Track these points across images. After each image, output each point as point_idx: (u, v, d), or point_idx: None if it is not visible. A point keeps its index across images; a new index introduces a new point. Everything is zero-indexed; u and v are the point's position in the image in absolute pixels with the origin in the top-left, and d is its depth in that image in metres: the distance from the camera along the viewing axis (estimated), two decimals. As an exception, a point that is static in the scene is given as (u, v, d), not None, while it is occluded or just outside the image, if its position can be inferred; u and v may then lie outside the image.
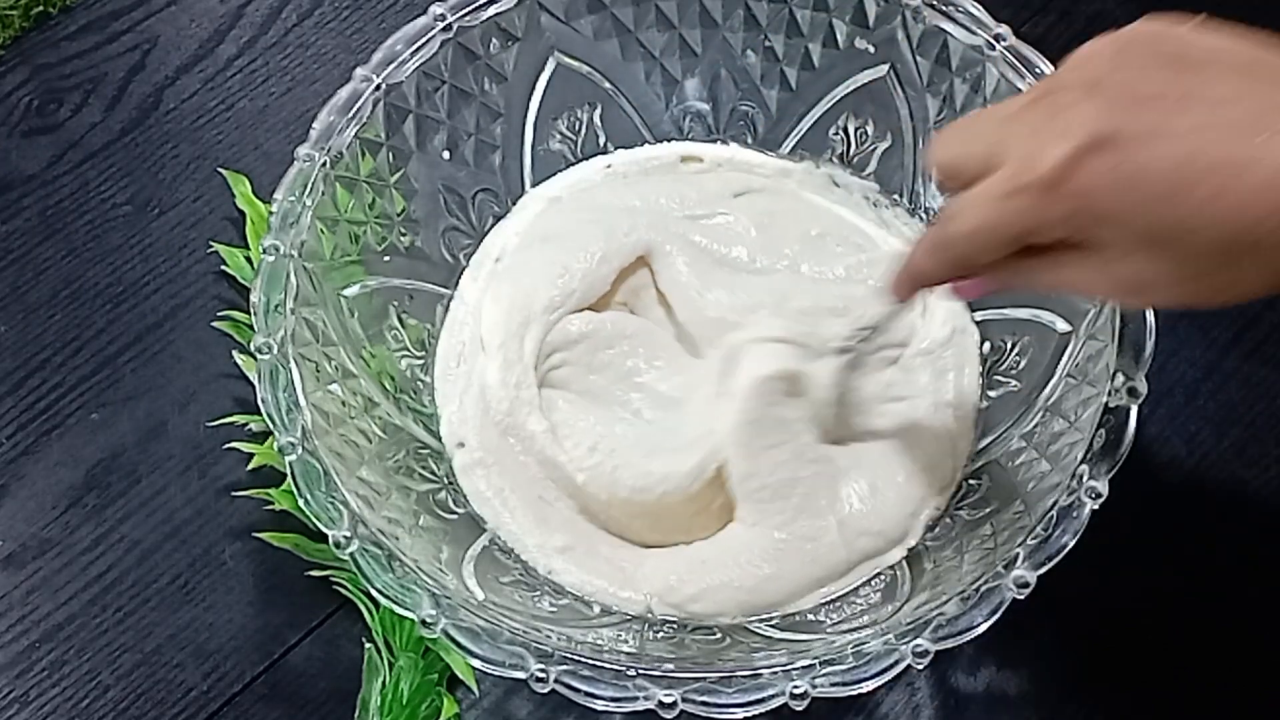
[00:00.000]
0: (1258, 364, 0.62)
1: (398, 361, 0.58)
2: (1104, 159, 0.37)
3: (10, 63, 0.73)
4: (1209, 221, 0.37)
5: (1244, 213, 0.36)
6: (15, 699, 0.57)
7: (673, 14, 0.62)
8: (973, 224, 0.41)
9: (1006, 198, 0.39)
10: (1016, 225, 0.40)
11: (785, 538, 0.53)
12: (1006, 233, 0.40)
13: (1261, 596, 0.57)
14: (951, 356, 0.57)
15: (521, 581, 0.53)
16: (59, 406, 0.64)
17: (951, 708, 0.56)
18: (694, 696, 0.44)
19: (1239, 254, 0.37)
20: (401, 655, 0.55)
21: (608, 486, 0.54)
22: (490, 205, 0.62)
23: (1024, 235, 0.40)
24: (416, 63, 0.57)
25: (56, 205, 0.69)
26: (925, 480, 0.55)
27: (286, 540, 0.58)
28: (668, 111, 0.64)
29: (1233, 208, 0.36)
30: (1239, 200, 0.36)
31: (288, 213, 0.53)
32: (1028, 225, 0.39)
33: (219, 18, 0.75)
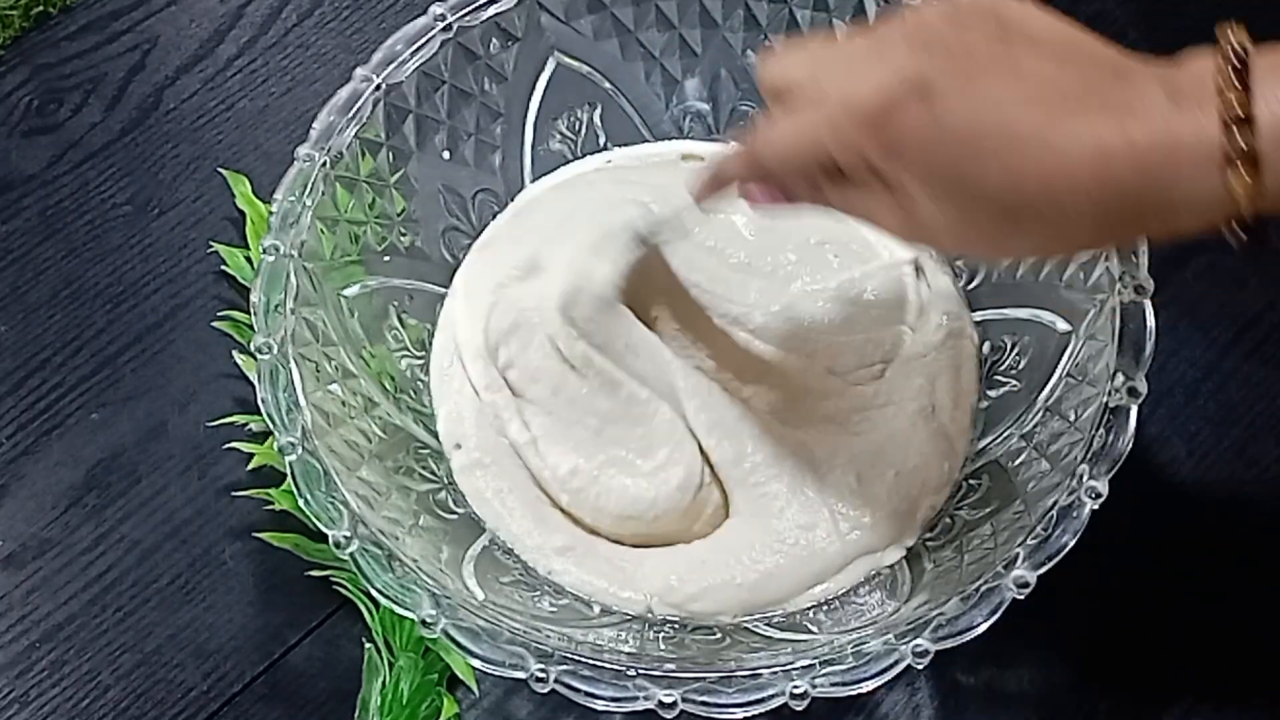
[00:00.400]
0: (1258, 364, 0.62)
1: (398, 361, 0.58)
2: (918, 108, 0.39)
3: (10, 63, 0.73)
4: (1000, 185, 0.39)
5: (1018, 179, 0.39)
6: (15, 699, 0.57)
7: (673, 14, 0.62)
8: (786, 140, 0.43)
9: (822, 122, 0.41)
10: (825, 150, 0.42)
11: (782, 527, 0.53)
12: (814, 155, 0.42)
13: (1261, 596, 0.57)
14: (947, 359, 0.57)
15: (521, 581, 0.53)
16: (59, 406, 0.64)
17: (951, 708, 0.56)
18: (694, 696, 0.44)
19: (1020, 216, 0.39)
20: (401, 655, 0.55)
21: (591, 512, 0.55)
22: (490, 205, 0.62)
23: (827, 159, 0.42)
24: (416, 63, 0.57)
25: (56, 205, 0.69)
26: (919, 479, 0.55)
27: (286, 540, 0.58)
28: (668, 111, 0.64)
29: (1010, 172, 0.39)
30: (1016, 167, 0.39)
31: (288, 213, 0.53)
32: (836, 153, 0.41)
33: (219, 18, 0.75)
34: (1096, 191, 0.38)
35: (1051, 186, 0.39)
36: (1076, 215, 0.39)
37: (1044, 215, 0.39)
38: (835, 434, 0.56)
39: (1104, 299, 0.51)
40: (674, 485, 0.54)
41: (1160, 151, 0.37)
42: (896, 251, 0.60)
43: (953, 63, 0.39)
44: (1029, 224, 0.40)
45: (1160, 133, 0.37)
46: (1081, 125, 0.38)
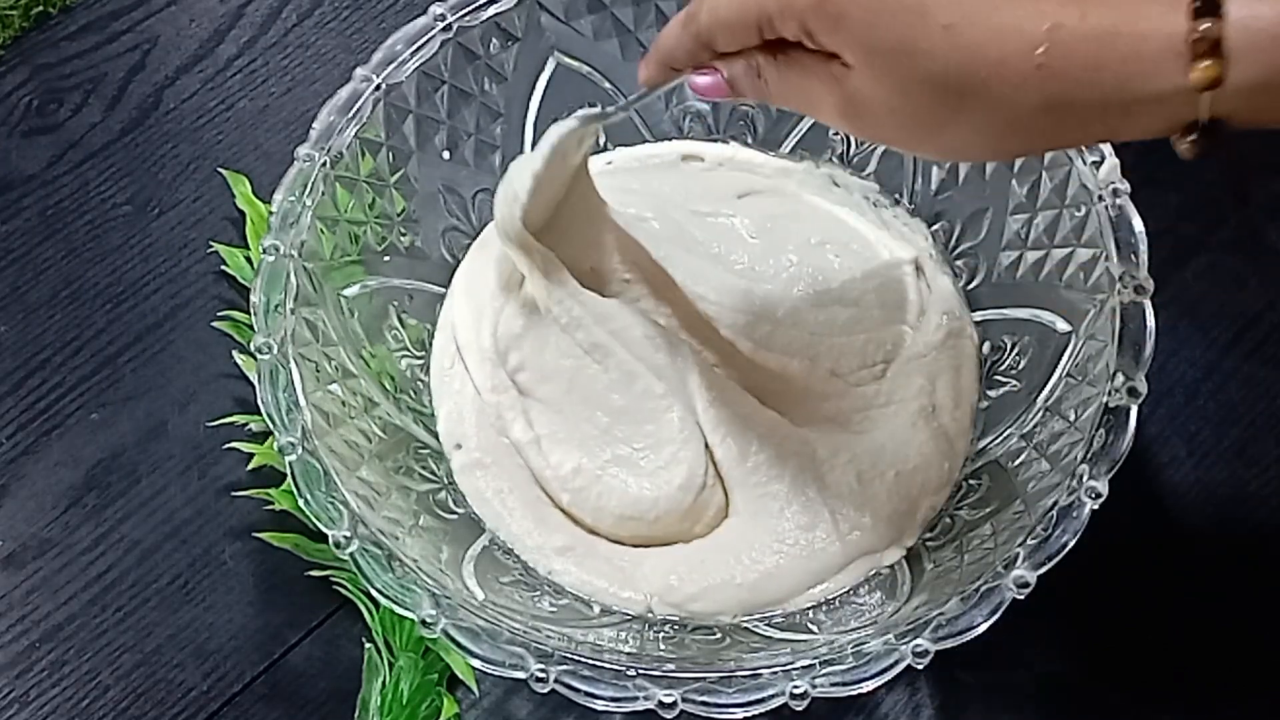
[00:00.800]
0: (1258, 364, 0.62)
1: (398, 361, 0.58)
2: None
3: (10, 63, 0.73)
4: (945, 54, 0.37)
5: (969, 52, 0.37)
6: (15, 699, 0.57)
7: (672, 14, 0.62)
8: (722, 6, 0.42)
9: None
10: (761, 9, 0.40)
11: (782, 527, 0.53)
12: (751, 14, 0.40)
13: (1261, 596, 0.57)
14: (947, 359, 0.57)
15: (521, 581, 0.53)
16: (59, 406, 0.64)
17: (951, 708, 0.56)
18: (694, 696, 0.44)
19: (965, 95, 0.37)
20: (401, 655, 0.56)
21: (592, 512, 0.55)
22: (490, 205, 0.62)
23: (765, 20, 0.40)
24: (416, 63, 0.57)
25: (56, 205, 0.69)
26: (919, 479, 0.55)
27: (286, 540, 0.58)
28: (668, 111, 0.64)
29: (961, 43, 0.37)
30: (969, 39, 0.37)
31: (288, 213, 0.53)
32: (772, 12, 0.40)
33: (219, 18, 0.75)
34: (1047, 66, 0.36)
35: (1000, 56, 0.36)
36: (1025, 94, 0.37)
37: (991, 91, 0.37)
38: (837, 434, 0.56)
39: (1104, 299, 0.51)
40: (676, 485, 0.54)
41: (1121, 35, 0.36)
42: (897, 251, 0.60)
43: None
44: (975, 103, 0.37)
45: (1123, 17, 0.36)
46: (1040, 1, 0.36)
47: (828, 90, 0.40)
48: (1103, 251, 0.51)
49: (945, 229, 0.60)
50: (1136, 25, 0.36)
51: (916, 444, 0.55)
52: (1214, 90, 0.35)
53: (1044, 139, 0.39)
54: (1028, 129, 0.38)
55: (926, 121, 0.39)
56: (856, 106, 0.40)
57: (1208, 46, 0.35)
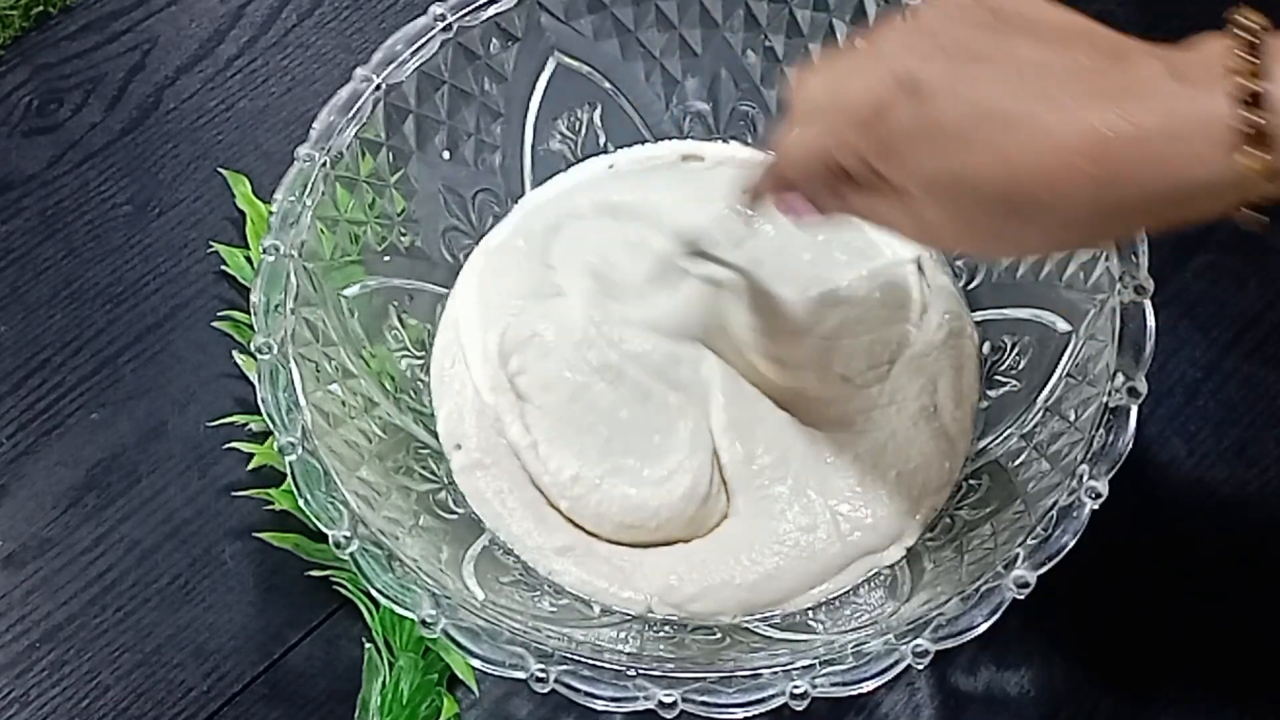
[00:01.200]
0: (1258, 364, 0.62)
1: (398, 361, 0.58)
2: (908, 106, 0.39)
3: (10, 63, 0.73)
4: (996, 175, 0.38)
5: (1012, 169, 0.38)
6: (15, 699, 0.57)
7: (673, 14, 0.62)
8: (793, 149, 0.44)
9: (823, 129, 0.42)
10: (827, 154, 0.42)
11: (782, 528, 0.53)
12: (819, 159, 0.43)
13: (1261, 596, 0.57)
14: (948, 359, 0.57)
15: (521, 581, 0.53)
16: (59, 406, 0.64)
17: (951, 708, 0.56)
18: (694, 696, 0.44)
19: (1020, 209, 0.39)
20: (401, 655, 0.55)
21: (592, 519, 0.55)
22: (490, 205, 0.62)
23: (833, 164, 0.42)
24: (416, 63, 0.57)
25: (56, 205, 0.69)
26: (920, 479, 0.55)
27: (286, 540, 0.58)
28: (668, 111, 0.64)
29: (1002, 163, 0.38)
30: (1008, 156, 0.38)
31: (288, 213, 0.53)
32: (836, 156, 0.42)
33: (219, 18, 0.75)
34: (1097, 176, 0.37)
35: (1048, 173, 0.37)
36: (1078, 202, 0.38)
37: (1044, 205, 0.38)
38: (840, 435, 0.56)
39: (1104, 299, 0.51)
40: (679, 495, 0.54)
41: (1165, 133, 0.36)
42: (899, 249, 0.60)
43: (944, 58, 0.39)
44: (1030, 216, 0.39)
45: (1164, 113, 0.36)
46: (1079, 108, 0.37)
47: (901, 215, 0.42)
48: (1102, 251, 0.51)
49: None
50: (1179, 121, 0.36)
51: (918, 444, 0.55)
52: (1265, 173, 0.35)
53: (1100, 234, 0.41)
54: (1083, 229, 0.39)
55: (991, 234, 0.41)
56: (927, 228, 0.42)
57: (1253, 135, 0.35)
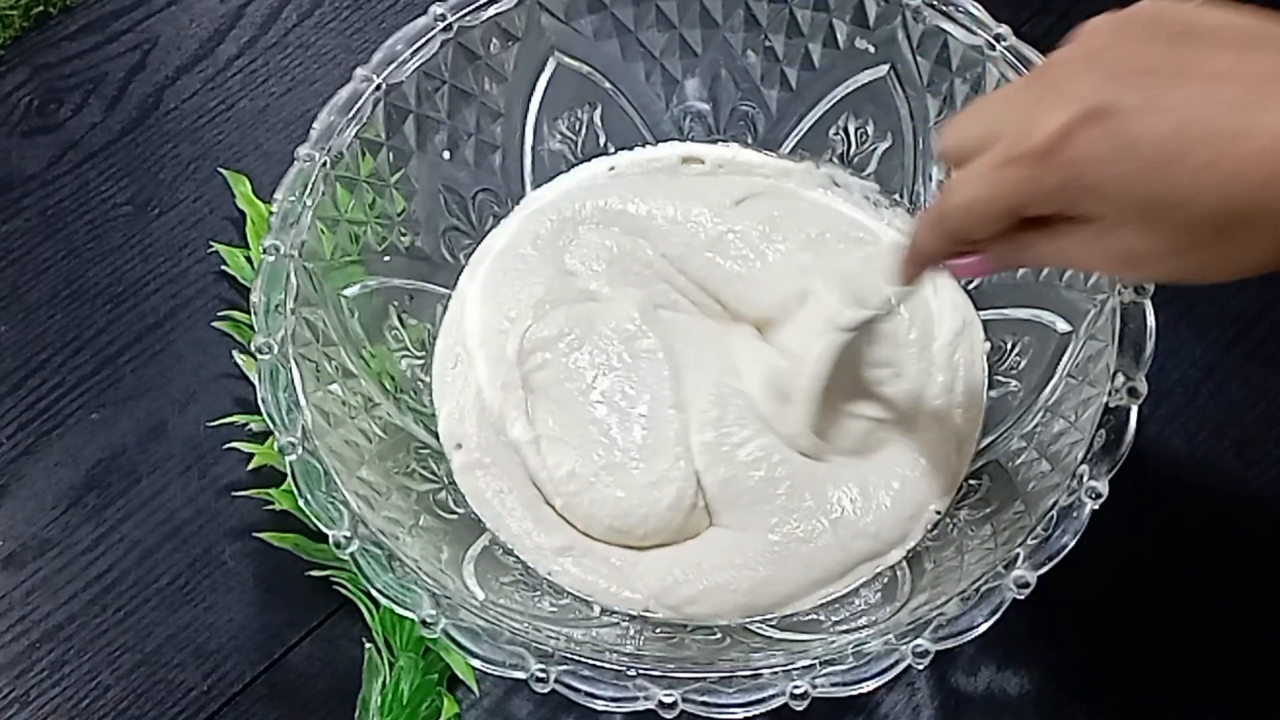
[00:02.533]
0: (1258, 364, 0.62)
1: (398, 361, 0.58)
2: (1098, 129, 0.37)
3: (10, 63, 0.73)
4: (1200, 192, 0.36)
5: (1236, 183, 0.36)
6: (15, 699, 0.57)
7: (673, 14, 0.62)
8: (969, 196, 0.41)
9: (1001, 168, 0.40)
10: (1011, 196, 0.40)
11: (778, 539, 0.53)
12: (1001, 204, 0.40)
13: (1261, 596, 0.57)
14: (961, 354, 0.57)
15: (521, 581, 0.53)
16: (59, 406, 0.64)
17: (951, 708, 0.56)
18: (694, 696, 0.44)
19: (1232, 226, 0.37)
20: (401, 655, 0.55)
21: (584, 518, 0.55)
22: (490, 205, 0.62)
23: (1018, 206, 0.40)
24: (416, 63, 0.57)
25: (56, 205, 0.69)
26: (927, 484, 0.55)
27: (286, 540, 0.58)
28: (668, 111, 0.64)
29: (1224, 178, 0.36)
30: (1231, 170, 0.36)
31: (288, 213, 0.53)
32: (1021, 196, 0.40)
33: (219, 18, 0.75)
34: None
35: (1246, 183, 0.36)
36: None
37: (1259, 220, 0.36)
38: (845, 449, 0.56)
39: (1104, 299, 0.51)
40: (665, 505, 0.54)
41: None
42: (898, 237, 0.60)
43: (1134, 80, 0.37)
44: (1244, 232, 0.37)
45: None
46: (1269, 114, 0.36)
47: (1096, 248, 0.40)
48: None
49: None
50: None
51: (928, 450, 0.55)
52: None
53: None
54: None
55: (1202, 256, 0.39)
56: (1127, 258, 0.39)
57: None
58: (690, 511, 0.54)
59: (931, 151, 0.60)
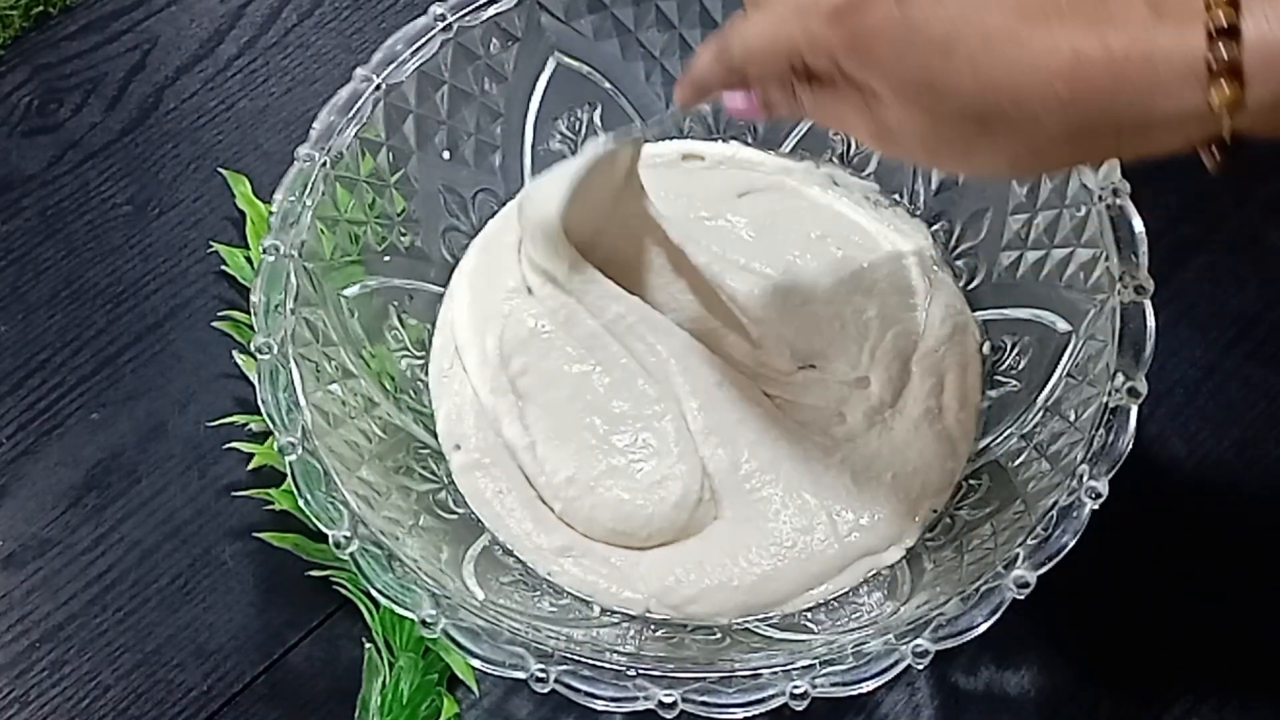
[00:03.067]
0: (1258, 364, 0.62)
1: (398, 361, 0.58)
2: (889, 4, 0.38)
3: (10, 63, 0.73)
4: (971, 87, 0.38)
5: (1001, 85, 0.37)
6: (15, 699, 0.57)
7: (673, 14, 0.62)
8: (755, 32, 0.43)
9: (794, 15, 0.41)
10: (793, 41, 0.41)
11: (778, 530, 0.53)
12: (784, 46, 0.42)
13: (1261, 596, 0.57)
14: (954, 356, 0.57)
15: (521, 581, 0.53)
16: (59, 406, 0.64)
17: (951, 708, 0.56)
18: (694, 696, 0.44)
19: (990, 125, 0.38)
20: (401, 655, 0.55)
21: (584, 522, 0.55)
22: (490, 205, 0.62)
23: (796, 55, 0.41)
24: (416, 63, 0.57)
25: (56, 205, 0.69)
26: (919, 481, 0.55)
27: (286, 540, 0.58)
28: (668, 111, 0.64)
29: (993, 78, 0.37)
30: (1000, 73, 0.37)
31: (288, 213, 0.53)
32: (803, 45, 0.41)
33: (219, 18, 0.75)
34: (1069, 97, 0.37)
35: (1023, 90, 0.37)
36: (1048, 123, 0.38)
37: (1015, 122, 0.38)
38: (832, 436, 0.56)
39: (1104, 299, 0.51)
40: (670, 503, 0.54)
41: (1139, 61, 0.36)
42: (898, 243, 0.60)
43: None
44: (1000, 131, 0.39)
45: (1140, 42, 0.36)
46: (1058, 31, 0.37)
47: (859, 116, 0.41)
48: (1103, 251, 0.51)
49: (945, 229, 0.61)
50: (1153, 50, 0.36)
51: (917, 447, 0.55)
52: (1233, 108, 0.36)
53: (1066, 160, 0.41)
54: (1050, 153, 0.39)
55: (954, 148, 0.40)
56: (887, 132, 0.41)
57: (1226, 68, 0.35)
58: (695, 507, 0.54)
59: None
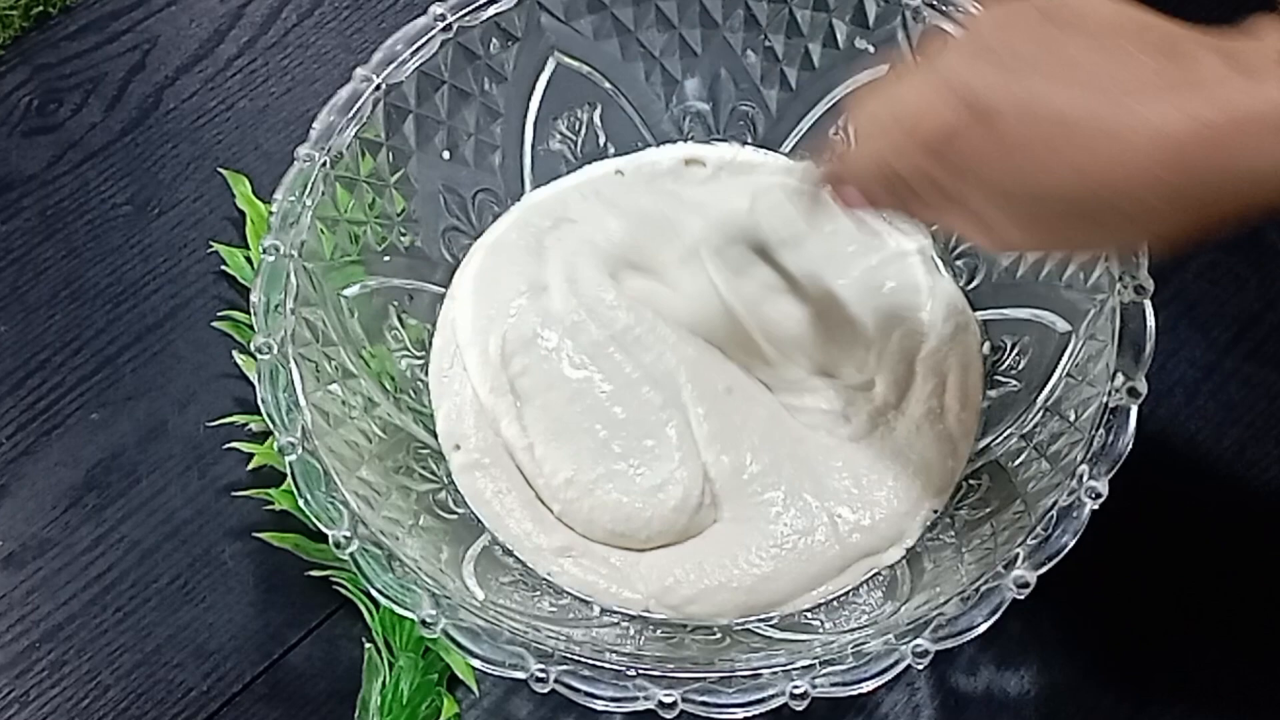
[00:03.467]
0: (1258, 364, 0.62)
1: (398, 361, 0.58)
2: (977, 131, 0.39)
3: (10, 63, 0.73)
4: (1067, 185, 0.38)
5: (1095, 177, 0.38)
6: (15, 699, 0.57)
7: (673, 14, 0.62)
8: (859, 167, 0.45)
9: (888, 152, 0.43)
10: (896, 175, 0.43)
11: (778, 531, 0.53)
12: (888, 177, 0.44)
13: (1261, 596, 0.57)
14: (956, 356, 0.57)
15: (521, 581, 0.53)
16: (59, 406, 0.64)
17: (951, 708, 0.56)
18: (694, 696, 0.44)
19: (1095, 214, 0.39)
20: (401, 655, 0.55)
21: (583, 523, 0.55)
22: (490, 205, 0.62)
23: (898, 182, 0.43)
24: (416, 63, 0.57)
25: (56, 205, 0.69)
26: (921, 481, 0.55)
27: (286, 540, 0.58)
28: (668, 111, 0.64)
29: (1087, 173, 0.38)
30: (1092, 166, 0.38)
31: (288, 213, 0.53)
32: (907, 177, 0.43)
33: (219, 18, 0.75)
34: (1166, 176, 0.37)
35: (1119, 178, 0.38)
36: (1151, 202, 0.38)
37: (1117, 208, 0.38)
38: (835, 437, 0.56)
39: (1104, 299, 0.51)
40: (670, 507, 0.54)
41: (1229, 126, 0.36)
42: (902, 242, 0.60)
43: (1001, 68, 0.39)
44: (1105, 219, 0.39)
45: (1228, 106, 0.36)
46: (1141, 107, 0.37)
47: (971, 227, 0.42)
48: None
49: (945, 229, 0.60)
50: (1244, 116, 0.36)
51: (919, 448, 0.55)
52: None
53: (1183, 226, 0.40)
54: (1162, 223, 0.39)
55: (1067, 239, 0.42)
56: (994, 236, 0.42)
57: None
58: (696, 511, 0.54)
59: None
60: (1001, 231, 0.41)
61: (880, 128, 0.43)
